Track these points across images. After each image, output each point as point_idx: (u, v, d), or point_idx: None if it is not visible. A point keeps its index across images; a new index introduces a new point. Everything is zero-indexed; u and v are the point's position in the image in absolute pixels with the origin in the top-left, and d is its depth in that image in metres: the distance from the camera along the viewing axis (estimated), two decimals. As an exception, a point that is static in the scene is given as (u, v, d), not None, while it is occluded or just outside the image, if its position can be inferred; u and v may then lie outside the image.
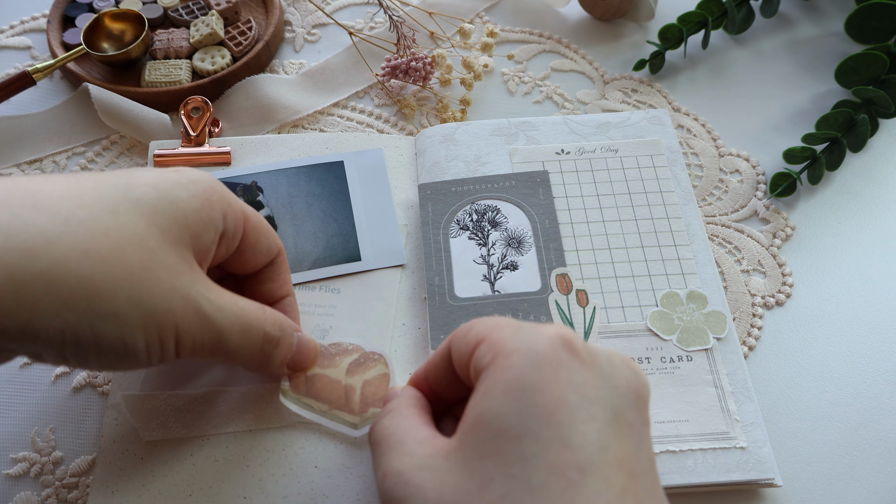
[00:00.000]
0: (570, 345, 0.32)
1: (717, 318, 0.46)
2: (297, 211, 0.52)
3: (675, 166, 0.53)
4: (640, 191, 0.52)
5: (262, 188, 0.53)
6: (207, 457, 0.43)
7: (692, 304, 0.47)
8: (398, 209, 0.53)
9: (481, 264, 0.48)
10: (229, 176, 0.54)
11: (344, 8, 0.68)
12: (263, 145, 0.56)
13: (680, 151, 0.54)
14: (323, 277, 0.50)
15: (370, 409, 0.43)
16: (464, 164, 0.53)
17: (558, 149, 0.54)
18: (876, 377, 0.48)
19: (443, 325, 0.46)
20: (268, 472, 0.43)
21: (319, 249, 0.51)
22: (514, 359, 0.31)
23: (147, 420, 0.44)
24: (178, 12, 0.64)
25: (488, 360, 0.32)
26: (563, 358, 0.31)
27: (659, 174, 0.52)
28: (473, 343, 0.33)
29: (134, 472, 0.43)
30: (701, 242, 0.50)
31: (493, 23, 0.67)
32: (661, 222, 0.50)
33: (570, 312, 0.46)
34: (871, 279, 0.52)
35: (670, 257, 0.49)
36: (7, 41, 0.66)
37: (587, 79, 0.63)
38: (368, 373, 0.45)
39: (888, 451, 0.45)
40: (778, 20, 0.67)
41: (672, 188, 0.52)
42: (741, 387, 0.44)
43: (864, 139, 0.57)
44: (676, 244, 0.49)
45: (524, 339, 0.32)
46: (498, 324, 0.34)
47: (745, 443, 0.42)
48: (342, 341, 0.46)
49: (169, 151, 0.55)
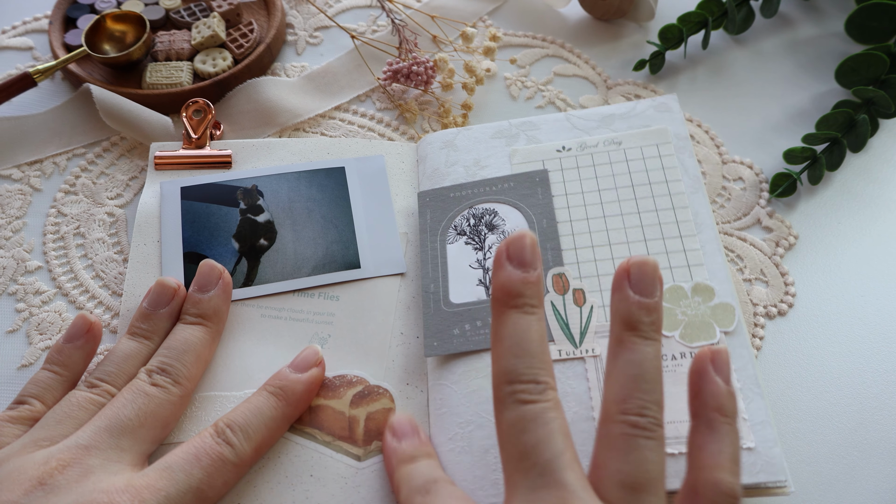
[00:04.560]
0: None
1: (726, 310, 0.44)
2: (297, 216, 0.52)
3: (683, 154, 0.51)
4: (645, 182, 0.50)
5: (262, 192, 0.53)
6: None
7: (698, 296, 0.45)
8: (399, 217, 0.53)
9: (477, 269, 0.48)
10: (230, 179, 0.54)
11: (346, 11, 0.68)
12: (265, 149, 0.56)
13: (688, 138, 0.52)
14: (322, 284, 0.50)
15: (374, 442, 0.44)
16: (463, 169, 0.53)
17: (559, 146, 0.53)
18: (876, 377, 0.48)
19: (437, 333, 0.46)
20: (262, 479, 0.43)
21: (319, 255, 0.51)
22: None
23: None
24: (180, 14, 0.64)
25: None
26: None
27: (665, 163, 0.51)
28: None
29: None
30: (709, 231, 0.48)
31: (495, 27, 0.67)
32: (665, 213, 0.49)
33: (567, 313, 0.46)
34: (871, 280, 0.52)
35: (675, 249, 0.47)
36: (8, 42, 0.66)
37: (590, 83, 0.63)
38: (373, 405, 0.45)
39: (889, 452, 0.45)
40: (778, 20, 0.67)
41: (679, 177, 0.50)
42: (750, 383, 0.42)
43: (864, 139, 0.57)
44: (682, 235, 0.48)
45: None
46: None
47: (752, 443, 0.40)
48: (346, 373, 0.46)
49: (170, 153, 0.55)
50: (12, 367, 0.49)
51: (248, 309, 0.49)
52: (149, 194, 0.54)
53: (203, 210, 0.53)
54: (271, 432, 0.42)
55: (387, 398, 0.45)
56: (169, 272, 0.50)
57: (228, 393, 0.45)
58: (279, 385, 0.43)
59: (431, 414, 0.45)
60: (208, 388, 0.46)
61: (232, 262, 0.50)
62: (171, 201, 0.53)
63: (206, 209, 0.53)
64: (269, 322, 0.48)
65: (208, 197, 0.53)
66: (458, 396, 0.44)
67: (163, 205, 0.53)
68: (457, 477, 0.41)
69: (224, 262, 0.50)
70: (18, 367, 0.49)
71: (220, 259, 0.50)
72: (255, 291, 0.49)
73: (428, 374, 0.46)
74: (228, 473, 0.40)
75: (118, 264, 0.53)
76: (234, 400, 0.45)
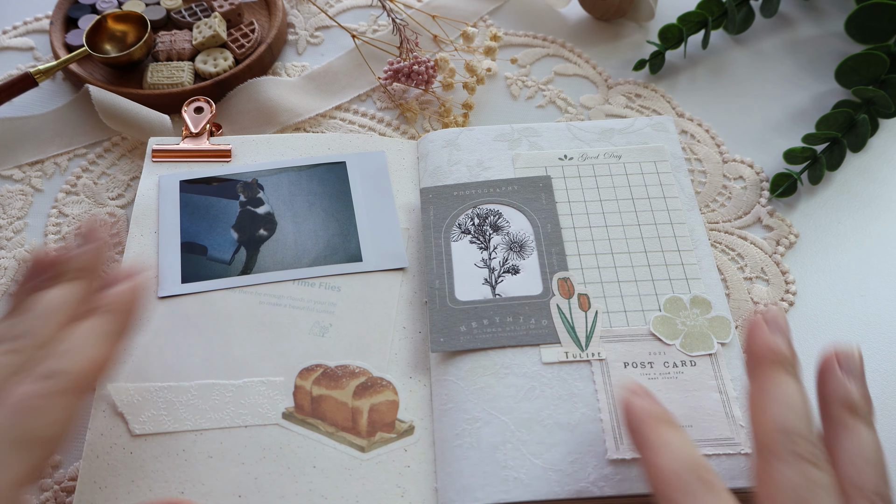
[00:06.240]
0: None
1: (722, 323, 0.46)
2: (297, 209, 0.52)
3: (679, 173, 0.53)
4: (644, 196, 0.52)
5: (262, 185, 0.53)
6: (200, 452, 0.43)
7: (696, 308, 0.47)
8: (399, 212, 0.53)
9: (482, 268, 0.49)
10: (230, 173, 0.54)
11: (347, 10, 0.68)
12: (265, 144, 0.56)
13: (683, 158, 0.54)
14: (322, 275, 0.50)
15: (378, 433, 0.44)
16: (466, 169, 0.53)
17: (561, 154, 0.54)
18: (877, 377, 0.48)
19: (443, 328, 0.46)
20: (264, 471, 0.42)
21: (320, 248, 0.51)
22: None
23: (137, 413, 0.44)
24: (181, 14, 0.64)
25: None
26: None
27: (662, 180, 0.52)
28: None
29: (122, 468, 0.42)
30: (704, 248, 0.50)
31: (496, 26, 0.67)
32: (664, 227, 0.50)
33: (573, 316, 0.46)
34: (872, 280, 0.52)
35: (674, 262, 0.49)
36: (9, 42, 0.66)
37: (591, 83, 0.63)
38: (376, 397, 0.45)
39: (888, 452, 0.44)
40: (778, 20, 0.67)
41: (676, 194, 0.52)
42: (745, 392, 0.43)
43: (864, 139, 0.57)
44: (680, 249, 0.49)
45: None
46: None
47: (749, 448, 0.42)
48: (349, 363, 0.46)
49: (169, 147, 0.55)
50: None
51: (247, 296, 0.49)
52: (146, 186, 0.54)
53: (202, 202, 0.53)
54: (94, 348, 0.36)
55: (390, 390, 0.45)
56: (165, 262, 0.50)
57: (227, 381, 0.45)
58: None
59: (435, 409, 0.45)
60: (205, 375, 0.45)
61: (230, 251, 0.50)
62: (170, 194, 0.53)
63: (205, 201, 0.53)
64: (267, 309, 0.48)
65: (207, 190, 0.53)
66: (465, 393, 0.44)
67: (161, 197, 0.53)
68: (464, 473, 0.42)
69: (223, 251, 0.50)
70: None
71: (218, 248, 0.50)
72: (254, 279, 0.49)
73: (431, 369, 0.46)
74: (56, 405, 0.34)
75: (119, 264, 0.53)
76: (232, 388, 0.45)
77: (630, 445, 0.42)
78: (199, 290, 0.49)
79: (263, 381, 0.45)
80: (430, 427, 0.44)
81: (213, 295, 0.48)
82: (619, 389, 0.43)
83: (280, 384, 0.45)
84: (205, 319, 0.47)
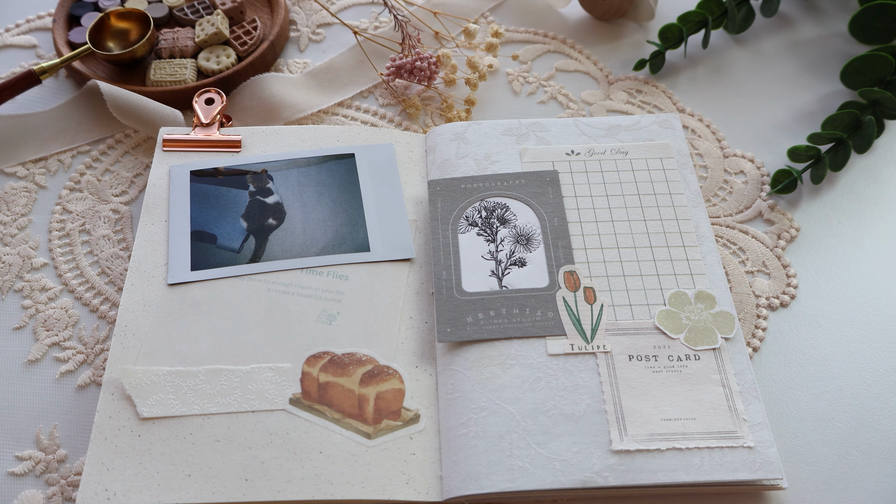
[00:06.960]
0: None
1: (726, 318, 0.47)
2: (306, 199, 0.53)
3: (685, 169, 0.53)
4: (650, 192, 0.52)
5: (272, 176, 0.54)
6: (208, 436, 0.43)
7: (700, 303, 0.47)
8: (407, 204, 0.53)
9: (489, 260, 0.49)
10: (240, 163, 0.54)
11: (349, 7, 0.68)
12: (275, 135, 0.56)
13: (689, 155, 0.54)
14: (331, 264, 0.50)
15: (384, 420, 0.44)
16: (474, 162, 0.54)
17: (568, 150, 0.54)
18: (877, 377, 0.48)
19: (450, 319, 0.46)
20: (270, 455, 0.42)
21: (328, 237, 0.51)
22: None
23: (145, 396, 0.44)
24: (184, 11, 0.64)
25: None
26: None
27: (668, 176, 0.53)
28: None
29: (130, 450, 0.42)
30: (709, 244, 0.50)
31: (497, 23, 0.67)
32: (669, 223, 0.51)
33: (578, 309, 0.47)
34: (873, 279, 0.52)
35: (679, 257, 0.49)
36: (12, 40, 0.66)
37: (591, 79, 0.63)
38: (382, 385, 0.45)
39: (889, 453, 0.45)
40: (778, 20, 0.68)
41: (681, 190, 0.52)
42: (749, 387, 0.44)
43: (869, 140, 0.57)
44: (685, 245, 0.50)
45: None
46: None
47: (752, 442, 0.42)
48: (356, 351, 0.46)
49: (180, 136, 0.55)
50: (17, 365, 0.49)
51: (255, 284, 0.49)
52: (157, 175, 0.54)
53: (212, 192, 0.53)
54: None
55: (396, 379, 0.45)
56: (175, 250, 0.50)
57: (234, 367, 0.45)
58: None
59: (441, 398, 0.45)
60: (213, 361, 0.45)
61: (240, 239, 0.51)
62: (181, 183, 0.53)
63: (215, 191, 0.53)
64: (275, 297, 0.48)
65: (217, 179, 0.53)
66: (470, 382, 0.44)
67: (172, 187, 0.53)
68: (469, 461, 0.42)
69: (232, 240, 0.50)
70: (24, 362, 0.49)
71: (227, 237, 0.51)
72: (262, 268, 0.49)
73: (437, 359, 0.47)
74: None
75: (123, 261, 0.53)
76: (239, 374, 0.45)
77: (634, 436, 0.42)
78: (209, 278, 0.49)
79: (271, 368, 0.45)
80: (435, 416, 0.45)
81: (222, 282, 0.49)
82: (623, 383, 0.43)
83: (287, 370, 0.45)
84: (214, 306, 0.48)
